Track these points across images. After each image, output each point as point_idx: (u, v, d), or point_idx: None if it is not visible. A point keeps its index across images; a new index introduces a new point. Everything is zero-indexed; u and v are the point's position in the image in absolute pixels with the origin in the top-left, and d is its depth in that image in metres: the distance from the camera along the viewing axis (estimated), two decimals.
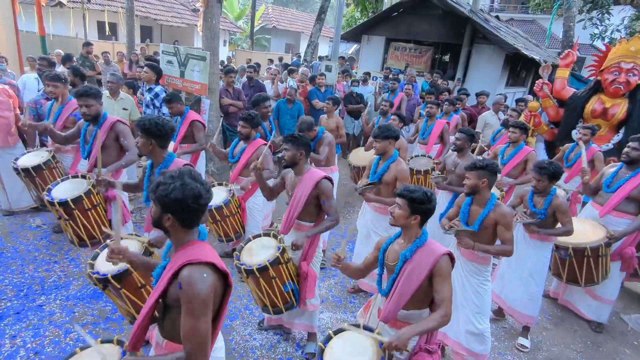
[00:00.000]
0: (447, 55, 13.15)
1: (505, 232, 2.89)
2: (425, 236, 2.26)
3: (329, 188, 2.97)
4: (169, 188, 1.62)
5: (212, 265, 1.65)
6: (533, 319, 3.65)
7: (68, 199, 3.18)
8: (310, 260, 3.06)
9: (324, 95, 7.28)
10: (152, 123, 2.67)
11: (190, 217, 1.68)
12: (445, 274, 2.16)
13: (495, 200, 2.93)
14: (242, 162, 3.97)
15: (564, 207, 3.36)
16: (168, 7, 18.56)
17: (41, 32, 7.88)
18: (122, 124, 3.60)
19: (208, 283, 1.60)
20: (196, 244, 1.72)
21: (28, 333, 3.09)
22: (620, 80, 5.71)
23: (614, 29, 15.15)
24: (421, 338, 2.23)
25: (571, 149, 5.11)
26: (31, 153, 4.13)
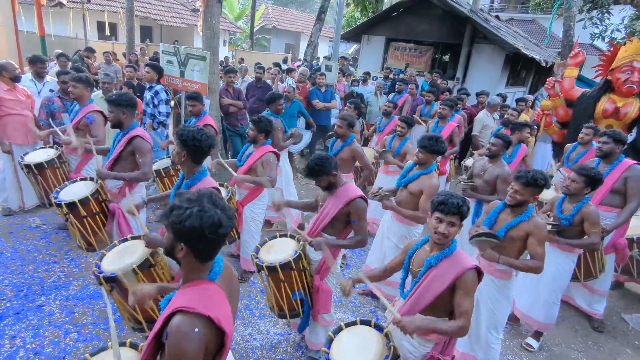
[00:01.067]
0: (447, 55, 13.15)
1: (537, 246, 2.73)
2: (454, 246, 2.18)
3: (363, 208, 2.80)
4: (185, 214, 1.42)
5: (209, 319, 1.42)
6: (549, 326, 3.59)
7: (63, 202, 3.16)
8: (324, 275, 2.94)
9: (324, 95, 7.28)
10: (189, 135, 2.50)
11: (206, 248, 1.48)
12: (468, 288, 2.08)
13: (531, 212, 2.78)
14: (247, 166, 3.87)
15: (594, 217, 3.19)
16: (168, 7, 18.55)
17: (41, 32, 7.87)
18: (142, 139, 3.39)
19: (197, 340, 1.38)
20: (202, 286, 1.51)
21: (28, 333, 3.08)
22: (634, 79, 5.64)
23: (614, 28, 15.12)
24: (436, 347, 2.21)
25: (573, 149, 5.10)
26: (40, 150, 4.14)
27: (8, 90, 4.55)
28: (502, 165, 3.99)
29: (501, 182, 3.90)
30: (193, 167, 2.65)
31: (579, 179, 3.17)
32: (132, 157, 3.42)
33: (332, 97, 7.38)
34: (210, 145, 2.61)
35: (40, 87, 5.22)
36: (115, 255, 2.63)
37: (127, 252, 2.64)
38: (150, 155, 3.45)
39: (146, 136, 3.46)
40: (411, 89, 7.69)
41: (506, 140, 3.97)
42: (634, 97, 5.77)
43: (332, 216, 2.82)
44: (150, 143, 3.48)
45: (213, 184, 2.72)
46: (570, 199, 3.31)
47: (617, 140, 3.81)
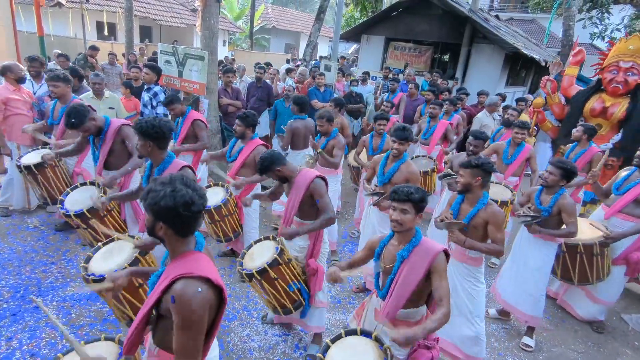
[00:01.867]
0: (447, 55, 13.13)
1: (496, 232, 2.86)
2: (420, 234, 2.26)
3: (321, 186, 2.96)
4: (159, 195, 1.55)
5: (207, 279, 1.58)
6: (537, 319, 3.61)
7: (84, 209, 3.20)
8: (317, 256, 3.10)
9: (323, 95, 7.26)
10: (148, 125, 2.64)
11: (183, 225, 1.61)
12: (442, 270, 2.16)
13: (487, 200, 2.91)
14: (240, 162, 3.98)
15: (570, 208, 3.33)
16: (167, 7, 18.53)
17: (40, 32, 7.85)
18: (127, 127, 3.56)
19: (202, 299, 1.53)
20: (192, 255, 1.66)
21: (24, 335, 3.07)
22: (619, 79, 5.67)
23: (614, 28, 15.11)
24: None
25: (572, 149, 5.09)
26: (35, 151, 4.13)
27: (14, 90, 4.58)
28: None
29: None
30: (160, 153, 2.77)
31: (556, 171, 3.31)
32: (123, 146, 3.57)
33: (331, 97, 7.35)
34: (170, 128, 2.74)
35: (37, 88, 5.17)
36: (103, 255, 2.67)
37: (114, 252, 2.69)
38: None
39: (127, 122, 3.62)
40: (410, 89, 7.67)
41: (485, 139, 4.08)
42: (624, 97, 5.75)
43: (298, 201, 2.94)
44: (131, 126, 3.58)
45: (183, 163, 2.83)
46: (547, 190, 3.42)
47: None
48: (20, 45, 7.99)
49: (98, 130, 3.51)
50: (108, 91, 5.27)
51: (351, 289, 4.19)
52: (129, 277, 2.04)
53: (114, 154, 3.56)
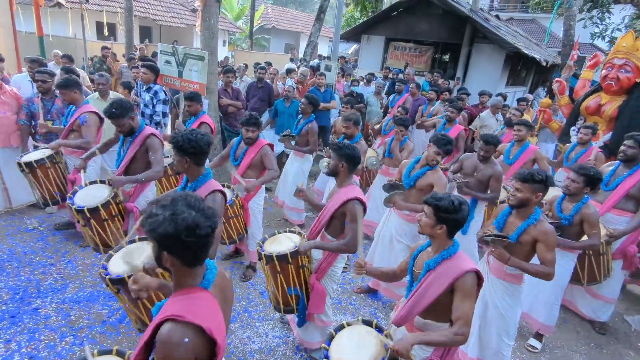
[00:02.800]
0: (447, 55, 13.11)
1: (546, 252, 2.65)
2: (455, 248, 2.14)
3: (357, 210, 2.72)
4: (158, 220, 1.36)
5: (200, 328, 1.37)
6: (549, 328, 3.56)
7: (85, 207, 3.19)
8: (320, 275, 2.93)
9: (323, 95, 7.23)
10: (185, 140, 2.42)
11: (189, 253, 1.41)
12: (467, 291, 2.03)
13: (539, 215, 2.71)
14: (246, 163, 3.92)
15: (593, 219, 3.17)
16: (167, 7, 18.50)
17: (39, 32, 7.82)
18: (155, 137, 3.47)
19: (186, 351, 1.33)
20: (194, 294, 1.45)
21: (23, 337, 3.04)
22: (611, 75, 5.69)
23: (615, 27, 15.08)
24: (436, 351, 2.16)
25: (571, 149, 5.07)
26: (38, 151, 4.11)
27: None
28: (494, 164, 4.03)
29: (494, 180, 3.97)
30: (196, 170, 2.57)
31: (579, 178, 3.15)
32: (146, 156, 3.49)
33: (331, 98, 7.34)
34: (208, 143, 2.54)
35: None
36: (122, 256, 2.63)
37: (135, 253, 2.63)
38: (162, 152, 3.53)
39: (157, 133, 3.54)
40: (412, 88, 7.65)
41: (497, 144, 4.01)
42: (620, 95, 5.75)
43: (329, 215, 2.83)
44: (161, 139, 3.57)
45: (217, 186, 2.62)
46: (570, 198, 3.29)
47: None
48: (20, 45, 7.97)
49: (130, 131, 3.44)
50: (113, 92, 5.27)
51: (352, 290, 4.16)
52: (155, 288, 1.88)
53: (135, 161, 3.47)
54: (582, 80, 6.60)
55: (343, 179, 2.86)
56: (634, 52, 5.60)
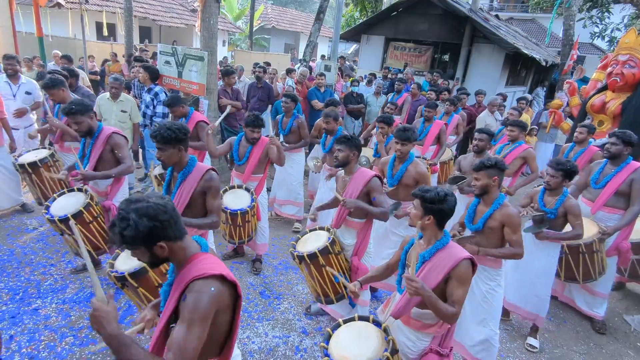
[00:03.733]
0: (447, 55, 13.12)
1: (512, 234, 2.81)
2: (447, 239, 2.22)
3: (379, 185, 3.14)
4: (132, 226, 1.44)
5: (221, 277, 1.55)
6: (540, 318, 3.60)
7: (68, 214, 3.19)
8: (361, 255, 3.21)
9: (323, 95, 7.24)
10: (174, 130, 2.56)
11: (171, 230, 1.52)
12: (462, 278, 2.11)
13: (502, 200, 2.86)
14: (254, 162, 4.04)
15: (576, 210, 3.31)
16: (167, 7, 18.50)
17: (39, 33, 7.82)
18: (117, 135, 3.49)
19: (212, 296, 1.50)
20: (200, 257, 1.61)
21: (23, 337, 3.04)
22: (616, 71, 5.73)
23: (614, 27, 15.08)
24: (434, 340, 2.26)
25: (570, 148, 5.07)
26: (33, 152, 4.15)
27: None
28: None
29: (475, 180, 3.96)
30: (185, 155, 2.74)
31: (557, 173, 3.29)
32: (112, 154, 3.50)
33: (331, 97, 7.33)
34: (186, 128, 2.68)
35: (16, 90, 5.05)
36: (128, 253, 2.69)
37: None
38: (127, 147, 3.57)
39: (119, 131, 3.56)
40: (413, 89, 7.65)
41: (490, 134, 4.09)
42: (624, 93, 5.77)
43: (355, 197, 3.10)
44: (124, 136, 3.58)
45: (207, 166, 2.77)
46: (550, 192, 3.41)
47: (625, 141, 3.76)
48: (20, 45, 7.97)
49: (89, 131, 3.42)
50: (125, 95, 5.29)
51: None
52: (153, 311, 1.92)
53: (103, 162, 3.47)
54: (593, 81, 6.66)
55: (353, 167, 3.21)
56: (638, 47, 5.63)
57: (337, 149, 3.14)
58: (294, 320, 3.60)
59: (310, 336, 3.43)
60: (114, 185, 3.62)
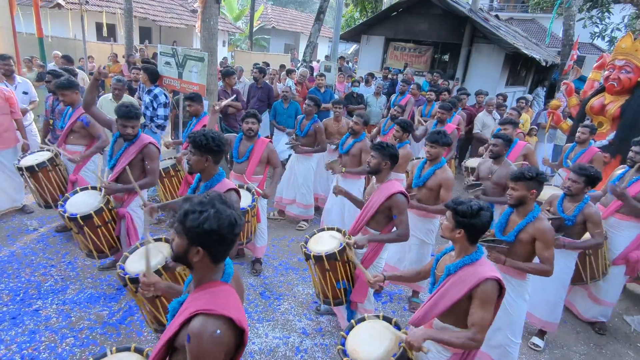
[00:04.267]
0: (447, 55, 13.13)
1: (544, 250, 2.70)
2: (478, 255, 2.12)
3: (403, 203, 3.00)
4: (202, 217, 1.40)
5: (229, 319, 1.43)
6: (553, 325, 3.57)
7: (78, 215, 3.19)
8: (367, 266, 3.10)
9: (323, 96, 7.24)
10: (207, 138, 2.49)
11: (222, 249, 1.48)
12: (485, 298, 2.01)
13: (537, 214, 2.76)
14: (255, 162, 4.07)
15: (596, 218, 3.19)
16: (167, 8, 18.50)
17: (39, 33, 7.83)
18: (153, 146, 3.44)
19: (219, 342, 1.39)
20: (218, 288, 1.51)
21: (23, 338, 3.05)
22: (613, 76, 5.79)
23: (614, 27, 15.08)
24: (454, 357, 2.16)
25: (571, 149, 5.08)
26: (35, 154, 4.14)
27: None
28: (508, 164, 3.98)
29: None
30: (213, 169, 2.67)
31: (580, 179, 3.17)
32: (141, 163, 3.47)
33: (331, 98, 7.33)
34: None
35: (13, 90, 5.01)
36: (138, 256, 2.68)
37: (152, 252, 2.64)
38: (158, 161, 3.52)
39: (156, 142, 3.51)
40: (413, 89, 7.66)
41: (506, 139, 3.99)
42: (623, 95, 5.80)
43: (374, 209, 3.03)
44: (159, 148, 3.54)
45: (231, 184, 2.71)
46: (570, 198, 3.30)
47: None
48: (20, 46, 7.97)
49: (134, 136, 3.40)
50: (127, 96, 5.29)
51: None
52: (162, 290, 1.96)
53: (130, 168, 3.37)
54: (590, 81, 6.75)
55: (384, 176, 3.10)
56: (634, 52, 5.68)
57: (371, 155, 3.09)
58: (294, 321, 3.60)
59: (310, 337, 3.44)
60: (132, 193, 3.53)
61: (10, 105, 4.64)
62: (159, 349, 1.53)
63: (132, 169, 3.43)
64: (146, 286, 1.90)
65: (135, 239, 3.49)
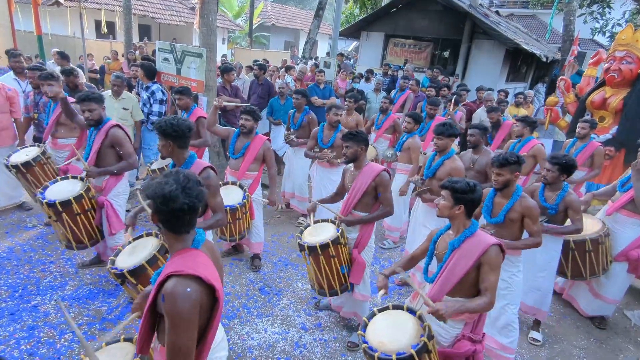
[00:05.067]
0: (447, 51, 13.08)
1: (533, 225, 2.91)
2: (475, 227, 2.31)
3: (388, 180, 3.14)
4: (149, 184, 1.57)
5: (199, 278, 1.52)
6: (543, 312, 3.62)
7: (56, 201, 3.19)
8: (361, 249, 3.22)
9: (322, 92, 7.21)
10: (167, 124, 2.62)
11: (170, 220, 1.57)
12: (493, 263, 2.20)
13: (520, 192, 2.94)
14: (251, 157, 4.02)
15: (576, 205, 3.32)
16: (166, 5, 18.46)
17: (38, 31, 7.81)
18: (118, 129, 3.43)
19: (191, 299, 1.47)
20: (187, 253, 1.61)
21: (22, 334, 3.05)
22: (613, 67, 5.77)
23: (615, 23, 15.02)
24: (466, 327, 2.31)
25: (572, 144, 5.06)
26: (23, 150, 4.14)
27: None
28: (488, 153, 4.10)
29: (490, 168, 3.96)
30: (181, 152, 2.75)
31: (554, 167, 3.31)
32: (113, 150, 3.48)
33: (330, 94, 7.32)
34: (189, 127, 2.72)
35: (25, 86, 5.10)
36: (129, 251, 2.76)
37: (139, 247, 2.76)
38: (129, 144, 3.53)
39: (121, 125, 3.52)
40: (412, 85, 7.63)
41: (482, 128, 4.12)
42: (624, 88, 5.77)
43: (362, 191, 3.11)
44: (125, 132, 3.53)
45: (205, 164, 2.79)
46: (550, 187, 3.42)
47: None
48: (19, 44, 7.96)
49: (98, 122, 3.41)
50: (127, 92, 5.28)
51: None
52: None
53: (102, 156, 3.45)
54: (586, 77, 6.75)
55: (362, 161, 3.19)
56: (634, 43, 5.67)
57: (344, 145, 3.15)
58: (293, 317, 3.60)
59: (309, 332, 3.43)
60: (110, 181, 3.54)
61: (10, 105, 4.64)
62: (145, 315, 1.62)
63: (105, 156, 3.47)
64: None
65: (117, 227, 3.53)
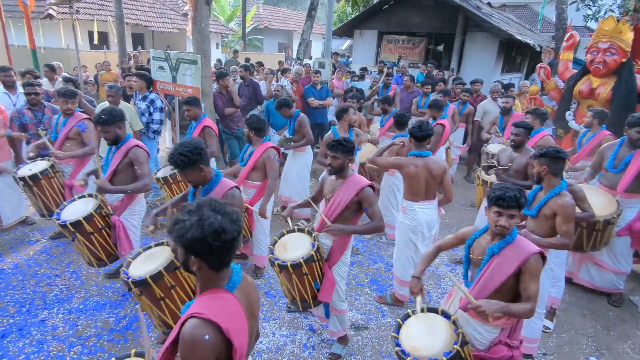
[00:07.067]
0: (441, 46, 13.09)
1: (562, 224, 2.81)
2: (515, 233, 2.26)
3: (372, 195, 2.94)
4: (186, 226, 1.40)
5: (219, 327, 1.41)
6: (557, 300, 3.63)
7: (67, 222, 3.18)
8: (332, 263, 3.01)
9: (319, 93, 7.22)
10: (184, 155, 2.46)
11: (216, 257, 1.45)
12: (534, 272, 2.17)
13: (560, 190, 2.85)
14: (250, 165, 3.94)
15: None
16: (158, 13, 18.45)
17: (32, 45, 7.83)
18: (139, 149, 3.39)
19: (207, 347, 1.37)
20: (217, 294, 1.50)
21: (32, 349, 3.06)
22: (598, 59, 5.79)
23: (607, 9, 14.99)
24: (503, 332, 2.28)
25: (583, 134, 5.05)
26: (32, 163, 4.13)
27: None
28: (528, 152, 3.97)
29: (531, 168, 3.91)
30: (207, 171, 2.64)
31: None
32: (131, 169, 3.42)
33: (327, 95, 7.32)
34: (201, 146, 2.57)
35: (15, 99, 5.10)
36: (141, 260, 2.70)
37: (152, 257, 2.70)
38: (148, 165, 3.46)
39: (143, 145, 3.47)
40: (406, 81, 7.65)
41: (527, 128, 3.97)
42: (610, 77, 5.79)
43: (344, 205, 2.91)
44: (147, 151, 3.49)
45: (231, 184, 2.71)
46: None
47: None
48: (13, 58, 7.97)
49: (115, 140, 3.39)
50: (124, 102, 5.28)
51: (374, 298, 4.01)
52: None
53: (119, 173, 3.42)
54: (563, 62, 6.68)
55: (347, 171, 2.99)
56: (617, 34, 5.70)
57: (331, 156, 2.90)
58: (300, 319, 3.61)
59: (317, 333, 3.44)
60: (124, 201, 3.49)
61: (4, 119, 4.59)
62: (164, 350, 1.54)
63: (122, 175, 3.42)
64: None
65: (127, 248, 3.45)
